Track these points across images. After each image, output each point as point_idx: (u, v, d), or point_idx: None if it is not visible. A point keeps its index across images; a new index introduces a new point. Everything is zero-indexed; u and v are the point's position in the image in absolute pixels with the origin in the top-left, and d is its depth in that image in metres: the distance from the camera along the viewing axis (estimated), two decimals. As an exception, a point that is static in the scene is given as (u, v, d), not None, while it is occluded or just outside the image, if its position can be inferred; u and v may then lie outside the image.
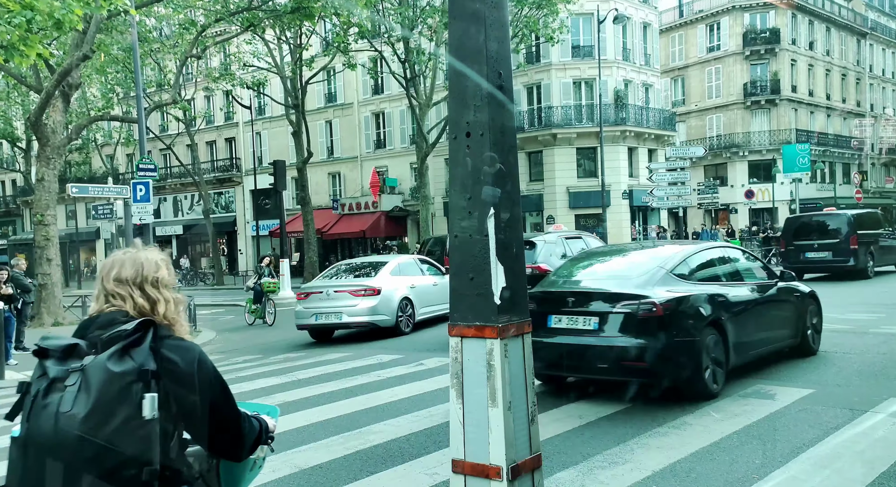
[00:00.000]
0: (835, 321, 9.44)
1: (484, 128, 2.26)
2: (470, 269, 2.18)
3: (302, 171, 28.69)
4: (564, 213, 30.41)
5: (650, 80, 32.65)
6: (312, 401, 6.00)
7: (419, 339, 9.99)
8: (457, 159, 2.33)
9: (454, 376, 2.23)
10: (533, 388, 2.31)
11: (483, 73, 2.24)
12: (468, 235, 2.23)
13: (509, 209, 2.28)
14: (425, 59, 23.88)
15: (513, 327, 2.14)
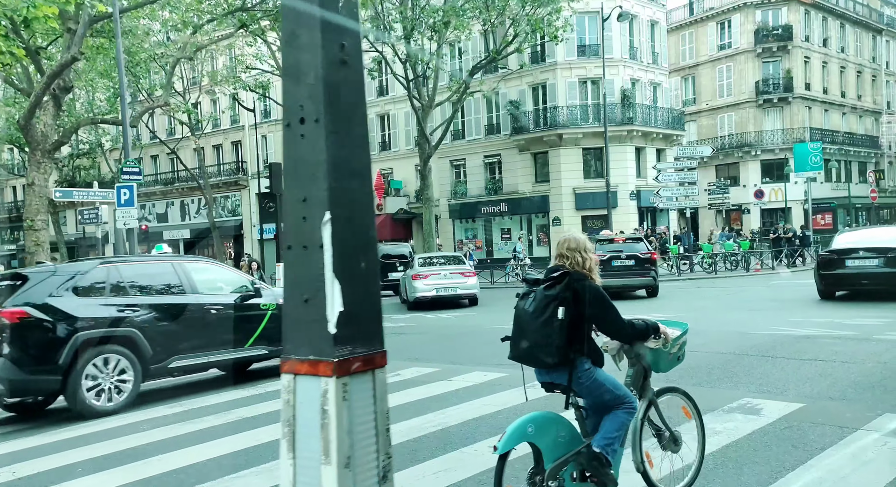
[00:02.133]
0: (839, 326, 9.01)
1: (320, 114, 1.85)
2: (304, 289, 1.76)
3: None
4: (571, 215, 29.97)
5: (658, 78, 32.11)
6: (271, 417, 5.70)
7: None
8: (290, 151, 1.92)
9: (285, 423, 1.78)
10: (387, 437, 1.82)
11: (318, 44, 1.83)
12: (302, 246, 1.80)
13: (354, 213, 1.87)
14: (427, 60, 23.58)
15: (357, 361, 1.70)
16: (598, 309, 3.13)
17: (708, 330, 9.40)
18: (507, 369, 7.32)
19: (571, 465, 3.13)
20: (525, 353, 3.17)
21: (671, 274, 22.58)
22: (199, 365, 7.38)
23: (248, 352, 7.70)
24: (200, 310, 7.32)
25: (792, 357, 7.14)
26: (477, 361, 8.04)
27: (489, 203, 31.82)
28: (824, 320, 9.69)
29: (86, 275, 6.82)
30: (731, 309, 12.21)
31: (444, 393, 6.22)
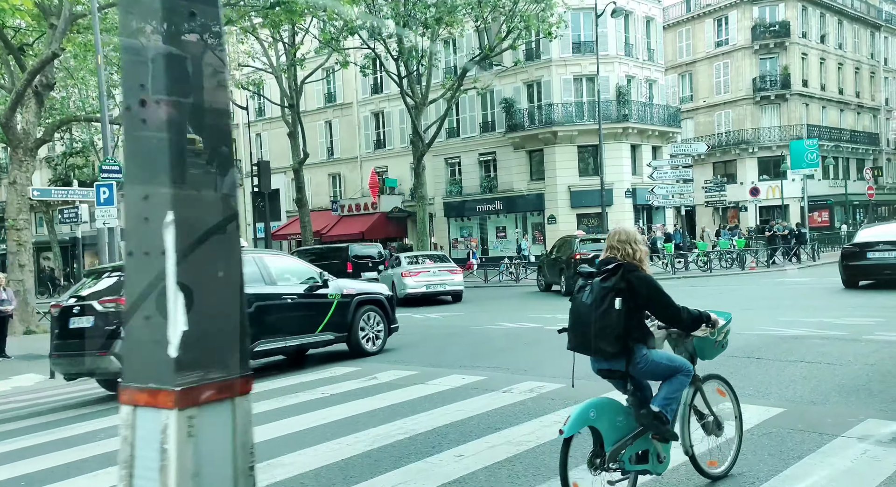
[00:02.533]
0: (829, 326, 8.83)
1: (162, 93, 1.55)
2: (146, 304, 1.47)
3: (298, 173, 28.34)
4: (566, 213, 29.78)
5: (654, 75, 31.89)
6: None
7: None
8: (130, 139, 1.63)
9: (122, 465, 1.48)
10: (250, 479, 1.53)
11: (159, 9, 1.53)
12: (143, 252, 1.51)
13: (206, 213, 1.57)
14: (419, 56, 23.37)
15: (209, 389, 1.43)
16: (653, 298, 3.36)
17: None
18: (487, 372, 7.15)
19: (629, 448, 3.34)
20: (584, 343, 3.37)
21: (666, 273, 22.39)
22: (278, 349, 8.24)
23: (318, 338, 8.65)
24: (279, 299, 8.16)
25: (777, 358, 6.96)
26: (459, 363, 7.87)
27: (484, 201, 31.62)
28: (815, 320, 9.51)
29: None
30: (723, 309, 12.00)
31: (418, 398, 6.04)
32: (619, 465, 3.31)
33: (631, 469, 3.37)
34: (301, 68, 24.83)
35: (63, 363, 7.51)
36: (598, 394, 3.73)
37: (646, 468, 3.43)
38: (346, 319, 8.80)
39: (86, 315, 7.15)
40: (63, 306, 7.47)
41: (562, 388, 6.08)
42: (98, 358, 6.97)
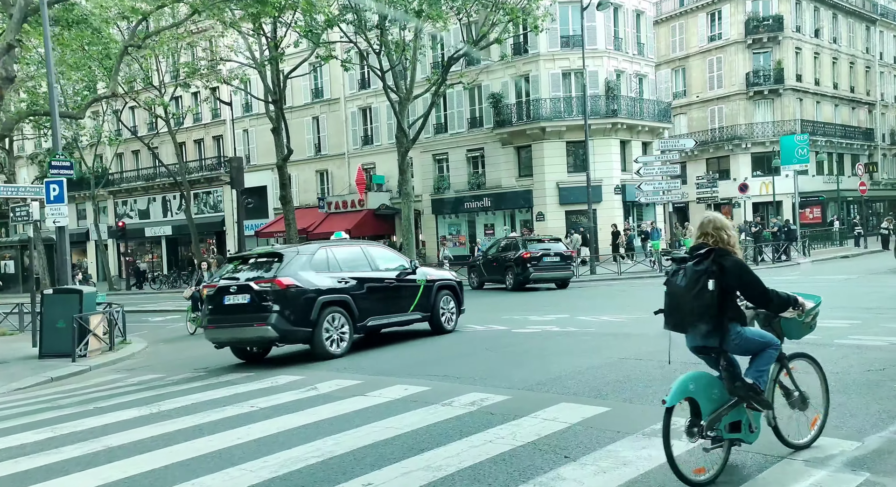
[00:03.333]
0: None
1: None
2: None
3: (282, 169, 27.84)
4: (554, 210, 29.36)
5: (644, 70, 31.41)
6: (144, 445, 5.10)
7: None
8: None
9: None
10: None
11: None
12: None
13: None
14: (401, 50, 22.88)
15: None
16: (744, 280, 3.64)
17: (647, 334, 8.84)
18: (435, 381, 6.74)
19: (725, 418, 3.64)
20: (680, 323, 3.69)
21: (652, 271, 21.99)
22: (383, 325, 9.71)
23: (410, 316, 10.13)
24: (382, 283, 9.66)
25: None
26: (406, 372, 7.45)
27: (472, 198, 31.19)
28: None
29: (315, 256, 9.12)
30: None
31: (351, 413, 5.63)
32: (716, 433, 3.62)
33: (727, 436, 3.67)
34: (282, 62, 24.32)
35: (217, 332, 8.93)
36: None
37: (739, 437, 3.72)
38: (429, 301, 10.25)
39: (241, 293, 8.62)
40: (218, 286, 8.99)
41: (507, 400, 5.69)
42: (256, 328, 8.47)
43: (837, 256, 25.41)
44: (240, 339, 8.90)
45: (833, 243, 30.17)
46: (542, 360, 7.62)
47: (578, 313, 11.82)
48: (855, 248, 28.91)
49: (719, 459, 3.68)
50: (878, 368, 6.15)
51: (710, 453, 3.63)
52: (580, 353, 7.86)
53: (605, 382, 6.20)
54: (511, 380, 6.51)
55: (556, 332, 9.71)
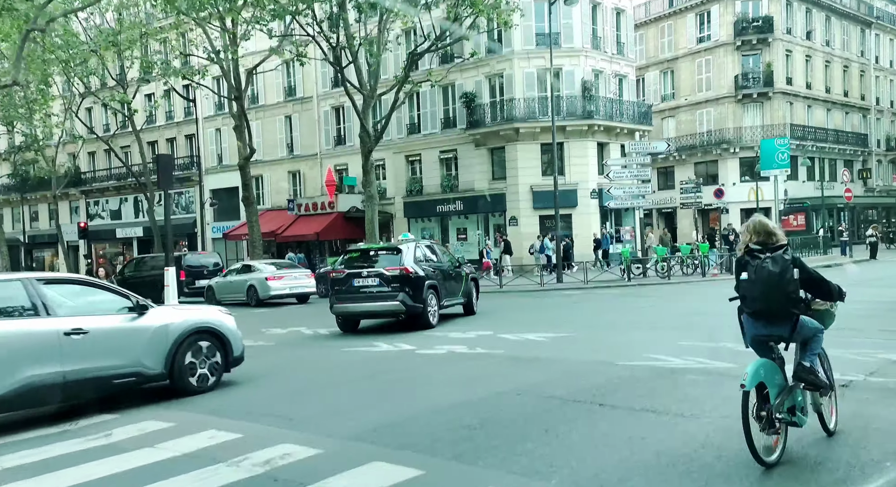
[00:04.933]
0: (725, 355, 7.25)
1: None
2: None
3: (244, 169, 26.81)
4: (528, 214, 28.23)
5: (624, 70, 30.31)
6: None
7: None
8: None
9: None
10: None
11: None
12: None
13: None
14: (360, 45, 21.84)
15: None
16: (810, 272, 4.06)
17: (570, 358, 7.76)
18: (256, 426, 5.64)
19: (786, 402, 3.99)
20: (769, 307, 3.99)
21: (621, 280, 20.87)
22: (449, 305, 12.61)
23: (460, 300, 13.15)
24: (447, 271, 12.76)
25: (624, 404, 5.47)
26: (246, 409, 6.27)
27: (445, 201, 30.11)
28: (717, 345, 7.98)
29: (415, 251, 12.18)
30: (632, 328, 10.51)
31: (110, 476, 4.51)
32: (782, 416, 3.93)
33: (787, 419, 3.99)
34: (233, 55, 23.29)
35: (344, 308, 11.76)
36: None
37: (794, 419, 4.04)
38: (469, 289, 13.41)
39: (371, 278, 11.53)
40: (347, 273, 11.79)
41: (313, 457, 4.61)
42: (386, 303, 11.38)
43: (820, 265, 24.21)
44: (371, 312, 11.78)
45: (818, 251, 28.97)
46: (411, 394, 6.52)
47: (507, 329, 10.72)
48: (841, 257, 27.75)
49: (781, 441, 3.98)
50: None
51: (771, 436, 3.90)
52: (462, 384, 6.77)
53: (453, 428, 5.10)
54: (347, 425, 5.42)
55: (460, 355, 8.62)
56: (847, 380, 5.88)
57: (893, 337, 8.20)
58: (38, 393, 5.90)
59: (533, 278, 21.77)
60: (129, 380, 6.57)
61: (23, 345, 5.85)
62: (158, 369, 6.73)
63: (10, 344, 5.75)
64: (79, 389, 6.21)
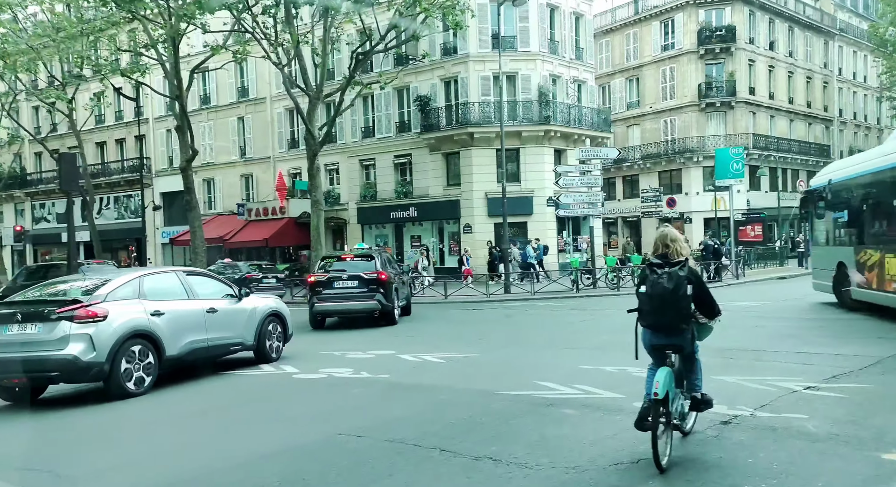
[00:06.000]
0: (622, 381, 6.44)
1: None
2: None
3: (186, 172, 25.56)
4: (483, 222, 27.44)
5: (583, 76, 29.75)
6: None
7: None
8: None
9: None
10: None
11: None
12: None
13: None
14: (298, 41, 20.87)
15: None
16: (703, 289, 4.30)
17: (453, 386, 6.89)
18: (40, 479, 4.62)
19: (679, 407, 4.39)
20: (661, 322, 4.24)
21: (568, 291, 20.10)
22: (399, 305, 14.30)
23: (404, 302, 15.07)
24: (400, 278, 15.34)
25: (469, 451, 4.59)
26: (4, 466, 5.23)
27: (399, 207, 29.19)
28: (621, 369, 7.16)
29: (384, 256, 14.81)
30: (547, 347, 9.67)
31: None
32: (678, 417, 4.33)
33: (677, 423, 4.35)
34: (168, 50, 22.17)
35: (326, 307, 13.10)
36: None
37: (679, 424, 4.42)
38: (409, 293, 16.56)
39: (351, 280, 13.01)
40: (328, 276, 13.29)
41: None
42: (365, 302, 12.95)
43: (774, 277, 23.76)
44: (348, 310, 13.27)
45: (775, 262, 28.59)
46: (243, 435, 5.56)
47: (414, 348, 9.82)
48: (798, 268, 27.34)
49: (669, 444, 4.15)
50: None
51: (664, 439, 4.09)
52: (309, 421, 5.85)
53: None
54: (128, 482, 4.44)
55: (339, 381, 7.67)
56: (731, 416, 5.10)
57: (808, 359, 7.46)
58: (194, 354, 7.91)
59: (479, 288, 20.92)
60: (237, 348, 8.68)
61: (186, 319, 7.81)
62: (251, 341, 8.80)
63: (179, 318, 7.71)
64: (215, 353, 8.38)
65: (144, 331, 7.19)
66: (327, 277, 13.28)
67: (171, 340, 7.46)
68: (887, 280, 10.17)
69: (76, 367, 6.62)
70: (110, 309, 6.95)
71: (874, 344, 8.35)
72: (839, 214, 12.54)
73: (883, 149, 11.24)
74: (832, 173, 13.20)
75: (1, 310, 7.00)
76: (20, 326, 6.73)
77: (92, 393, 7.36)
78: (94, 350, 6.68)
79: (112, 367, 6.81)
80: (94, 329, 6.70)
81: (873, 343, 8.44)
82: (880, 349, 7.87)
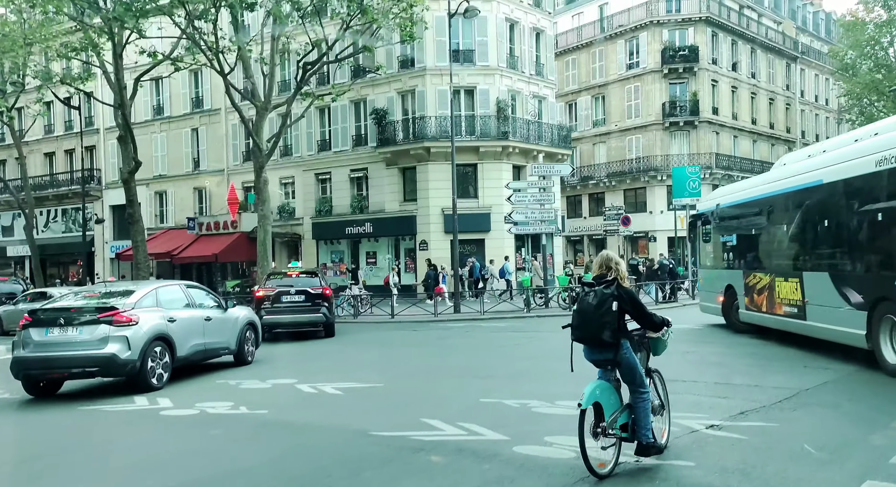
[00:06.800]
0: (521, 419, 5.68)
1: None
2: None
3: (128, 184, 24.46)
4: (440, 238, 26.72)
5: (543, 92, 29.40)
6: None
7: None
8: None
9: None
10: None
11: None
12: None
13: None
14: (237, 47, 20.13)
15: None
16: (635, 305, 4.57)
17: (329, 425, 6.10)
18: None
19: (619, 420, 4.47)
20: (586, 336, 4.51)
21: (519, 311, 19.40)
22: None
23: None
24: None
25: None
26: None
27: (354, 223, 28.35)
28: (520, 403, 6.41)
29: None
30: (461, 375, 8.91)
31: None
32: (613, 433, 4.39)
33: (619, 435, 4.45)
34: (98, 55, 21.24)
35: (274, 319, 13.68)
36: None
37: (627, 436, 4.49)
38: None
39: (299, 295, 14.16)
40: (277, 290, 14.26)
41: None
42: (312, 315, 14.17)
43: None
44: (298, 322, 14.10)
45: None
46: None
47: (317, 375, 9.00)
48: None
49: (614, 455, 4.39)
50: None
51: (607, 450, 4.33)
52: (126, 473, 5.01)
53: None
54: None
55: (209, 418, 6.78)
56: (617, 463, 4.39)
57: (725, 392, 6.83)
58: (196, 355, 9.17)
59: (427, 307, 20.13)
60: (224, 352, 9.98)
61: (191, 325, 9.05)
62: (234, 346, 10.13)
63: (187, 324, 8.94)
64: (209, 355, 9.64)
65: (164, 335, 8.50)
66: (276, 291, 14.33)
67: (181, 343, 8.78)
68: (777, 303, 10.17)
69: (115, 364, 7.86)
70: (140, 315, 8.23)
71: (799, 374, 7.75)
72: (728, 238, 12.66)
73: (768, 177, 11.48)
74: (720, 198, 13.29)
75: (44, 315, 8.09)
76: (61, 329, 7.91)
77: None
78: (129, 349, 7.92)
79: (141, 364, 8.06)
80: (130, 331, 7.98)
81: (798, 373, 7.84)
82: (801, 380, 7.27)
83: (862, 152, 7.96)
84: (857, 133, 9.33)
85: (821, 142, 14.78)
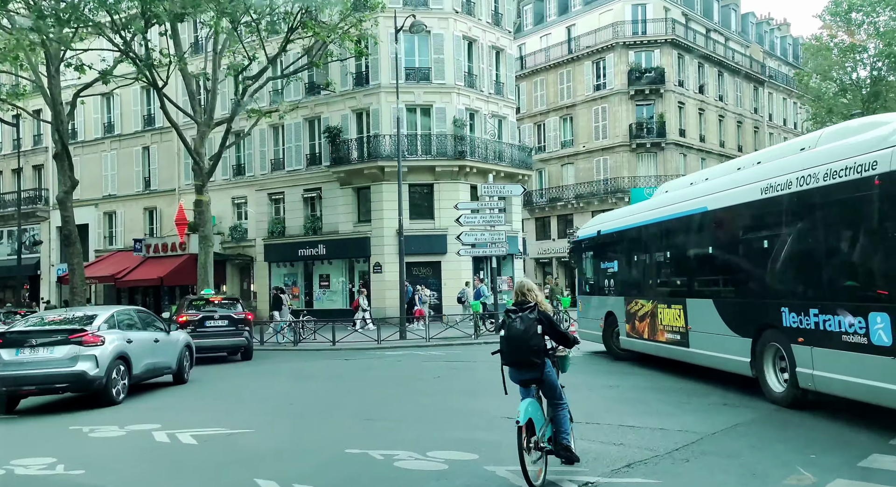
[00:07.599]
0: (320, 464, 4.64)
1: None
2: None
3: (65, 204, 23.23)
4: (394, 260, 25.64)
5: (503, 111, 28.79)
6: None
7: None
8: None
9: None
10: None
11: None
12: None
13: None
14: (166, 59, 19.22)
15: None
16: (553, 326, 5.06)
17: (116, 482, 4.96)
18: None
19: (546, 432, 4.94)
20: (518, 359, 4.94)
21: (466, 337, 18.37)
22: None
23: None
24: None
25: None
26: None
27: (307, 244, 27.27)
28: (385, 454, 5.37)
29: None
30: (344, 418, 7.85)
31: None
32: (543, 446, 4.79)
33: (547, 448, 4.87)
34: (31, 67, 20.22)
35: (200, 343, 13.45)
36: None
37: (551, 449, 4.97)
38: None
39: (222, 319, 15.19)
40: (200, 316, 15.13)
41: None
42: (234, 339, 15.19)
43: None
44: (220, 346, 15.09)
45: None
46: None
47: (189, 418, 7.91)
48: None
49: (543, 466, 4.76)
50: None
51: (536, 463, 4.66)
52: None
53: None
54: None
55: (9, 481, 5.67)
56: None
57: (622, 436, 5.90)
58: (146, 374, 10.21)
59: (370, 334, 19.02)
60: (168, 371, 10.90)
61: (143, 346, 10.04)
62: (174, 366, 11.02)
63: (140, 345, 9.92)
64: (156, 374, 10.61)
65: (124, 354, 9.31)
66: (200, 316, 15.15)
67: (136, 362, 9.60)
68: (660, 330, 9.96)
69: (84, 380, 8.64)
70: (105, 335, 9.07)
71: (715, 413, 6.86)
72: (609, 264, 12.52)
73: (650, 204, 11.39)
74: (600, 224, 13.18)
75: (13, 337, 8.80)
76: (32, 349, 8.65)
77: None
78: (98, 366, 8.74)
79: (107, 381, 8.88)
80: (98, 351, 8.79)
81: (715, 412, 6.95)
82: (714, 421, 6.38)
83: (747, 180, 7.89)
84: (738, 162, 9.31)
85: (703, 170, 14.51)
